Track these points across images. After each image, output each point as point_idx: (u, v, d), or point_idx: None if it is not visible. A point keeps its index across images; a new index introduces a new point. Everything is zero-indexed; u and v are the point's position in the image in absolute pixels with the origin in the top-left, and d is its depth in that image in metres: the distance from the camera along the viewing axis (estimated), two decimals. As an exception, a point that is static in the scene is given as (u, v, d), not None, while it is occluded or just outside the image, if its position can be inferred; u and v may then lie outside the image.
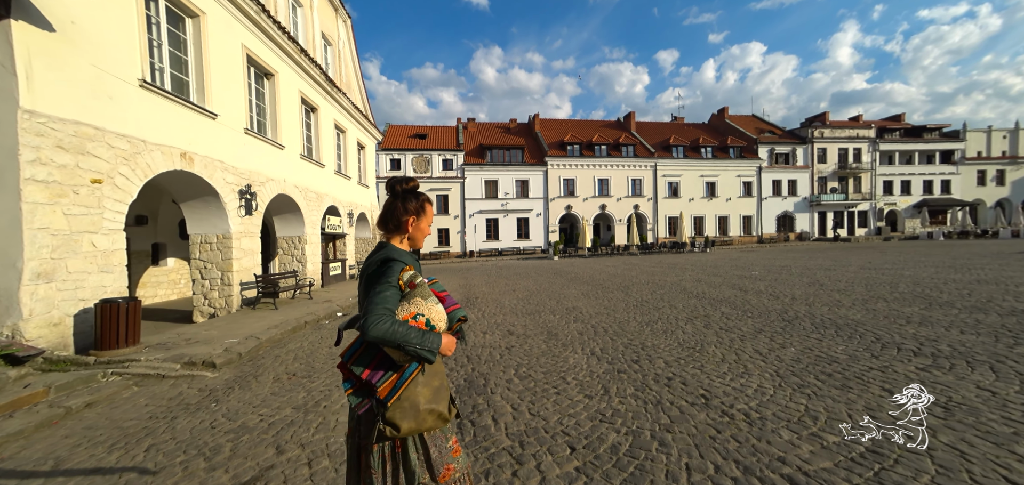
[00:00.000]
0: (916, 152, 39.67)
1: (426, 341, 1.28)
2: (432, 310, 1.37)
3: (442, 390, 1.42)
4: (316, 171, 12.15)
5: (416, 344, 1.25)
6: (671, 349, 4.77)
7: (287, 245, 11.29)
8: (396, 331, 1.22)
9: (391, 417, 1.29)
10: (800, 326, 5.65)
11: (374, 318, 1.21)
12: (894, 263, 13.88)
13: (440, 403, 1.39)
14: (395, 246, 1.45)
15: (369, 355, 1.32)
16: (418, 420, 1.33)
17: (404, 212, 1.47)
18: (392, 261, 1.35)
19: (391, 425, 1.29)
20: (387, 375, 1.30)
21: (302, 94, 11.13)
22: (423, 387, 1.36)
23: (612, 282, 12.06)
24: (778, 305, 7.25)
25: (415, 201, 1.49)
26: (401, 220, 1.47)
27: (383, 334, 1.20)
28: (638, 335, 5.53)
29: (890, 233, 38.62)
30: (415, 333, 1.26)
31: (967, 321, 5.47)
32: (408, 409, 1.31)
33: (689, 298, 8.48)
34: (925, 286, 8.60)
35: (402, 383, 1.30)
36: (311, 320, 7.33)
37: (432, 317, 1.35)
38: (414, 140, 34.48)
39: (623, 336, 5.52)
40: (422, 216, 1.51)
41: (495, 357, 4.73)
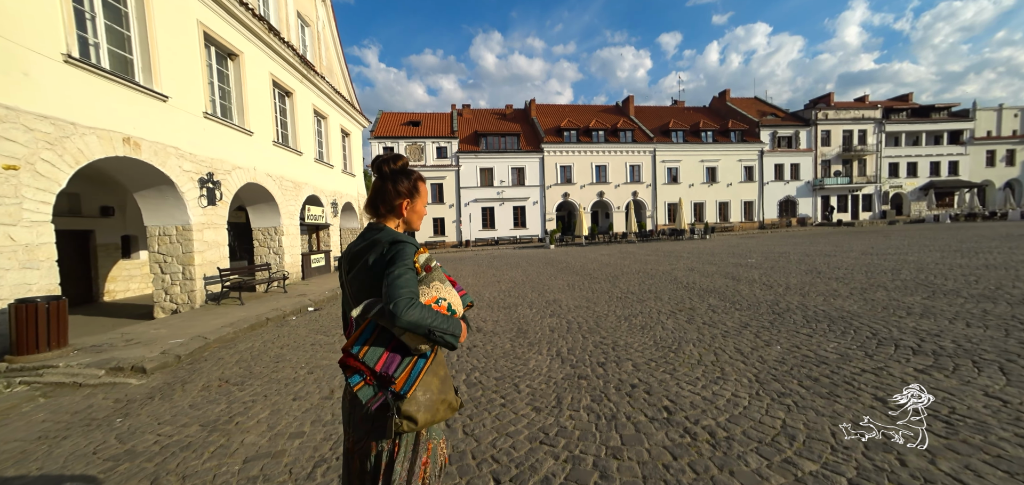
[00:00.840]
0: (923, 133, 38.62)
1: (452, 326, 1.20)
2: (450, 294, 1.28)
3: (448, 379, 1.35)
4: (293, 159, 11.66)
5: (444, 330, 1.17)
6: (645, 349, 4.33)
7: (263, 236, 10.88)
8: (426, 317, 1.13)
9: (407, 410, 1.20)
10: (790, 320, 5.19)
11: (405, 302, 1.10)
12: (898, 248, 13.33)
13: (449, 392, 1.32)
14: (393, 229, 1.34)
15: (382, 343, 1.21)
16: (433, 411, 1.25)
17: (396, 195, 1.35)
18: (403, 243, 1.24)
19: (408, 419, 1.20)
20: (404, 364, 1.20)
21: (274, 77, 10.59)
22: (432, 377, 1.27)
23: (602, 272, 11.62)
24: (770, 296, 6.79)
25: (407, 181, 1.37)
26: (394, 204, 1.35)
27: (418, 319, 1.11)
28: (614, 332, 5.09)
29: (895, 217, 37.83)
30: (442, 319, 1.18)
31: (974, 312, 5.00)
32: (423, 400, 1.23)
33: (677, 289, 8.03)
34: (929, 272, 8.09)
35: (418, 373, 1.22)
36: (275, 316, 6.94)
37: (452, 302, 1.27)
38: (408, 128, 33.81)
39: (597, 333, 5.08)
40: (417, 197, 1.39)
41: (451, 358, 4.31)
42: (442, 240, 32.88)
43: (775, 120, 37.85)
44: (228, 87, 8.97)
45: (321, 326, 6.40)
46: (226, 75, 8.92)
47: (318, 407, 3.30)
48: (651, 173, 35.29)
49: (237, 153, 8.86)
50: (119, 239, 10.20)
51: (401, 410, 1.19)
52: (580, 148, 34.18)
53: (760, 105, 41.72)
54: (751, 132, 37.06)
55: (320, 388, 3.72)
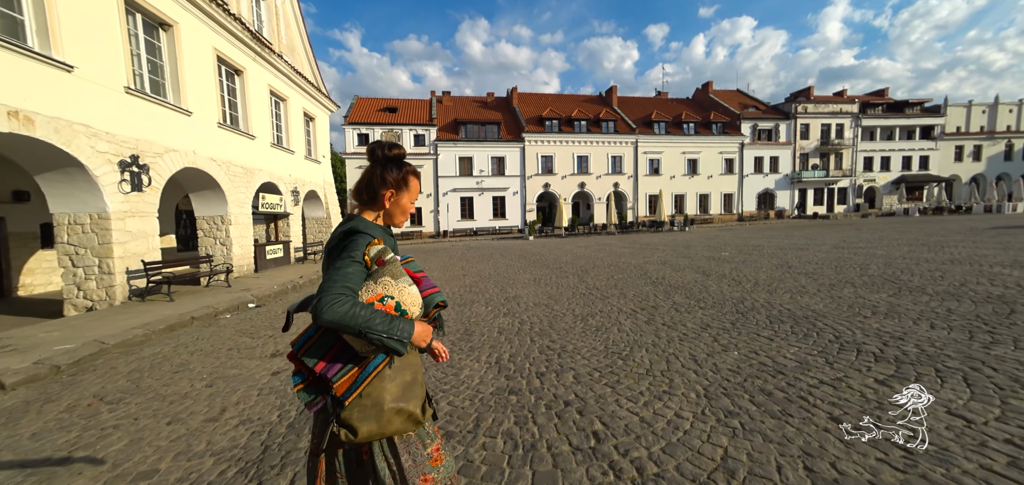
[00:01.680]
0: (897, 128, 39.51)
1: (395, 328, 1.07)
2: (404, 292, 1.16)
3: (415, 386, 1.20)
4: (243, 143, 10.84)
5: (382, 331, 1.04)
6: (593, 355, 3.92)
7: (208, 226, 10.09)
8: (357, 315, 1.02)
9: (347, 418, 1.09)
10: (753, 320, 4.87)
11: (330, 298, 1.01)
12: (868, 241, 13.37)
13: (410, 402, 1.17)
14: (365, 219, 1.23)
15: (325, 344, 1.12)
16: (381, 423, 1.11)
17: (382, 183, 1.25)
18: (357, 233, 1.15)
19: (347, 428, 1.09)
20: (346, 368, 1.10)
21: (219, 52, 9.72)
22: (390, 383, 1.15)
23: (574, 265, 11.25)
24: (737, 293, 6.50)
25: (397, 172, 1.27)
26: (378, 192, 1.25)
27: (340, 318, 1.00)
28: (566, 335, 4.68)
29: (868, 210, 38.74)
30: (381, 318, 1.05)
31: (938, 311, 4.77)
32: (370, 408, 1.11)
33: (645, 284, 7.69)
34: (897, 268, 7.97)
35: (364, 378, 1.11)
36: (204, 314, 6.31)
37: (403, 300, 1.15)
38: (384, 114, 32.71)
39: (548, 335, 4.66)
40: (403, 190, 1.29)
41: (375, 367, 3.82)
42: (419, 230, 32.13)
43: (756, 113, 38.10)
44: (160, 60, 8.11)
45: (253, 326, 5.81)
46: (157, 47, 8.05)
47: (194, 434, 2.78)
48: (633, 164, 35.13)
49: (171, 134, 8.06)
50: (37, 227, 9.26)
51: (341, 418, 1.10)
52: (562, 138, 33.71)
53: (742, 98, 41.94)
54: (732, 125, 37.21)
55: (210, 407, 3.19)
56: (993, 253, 9.16)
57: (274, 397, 3.30)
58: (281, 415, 2.98)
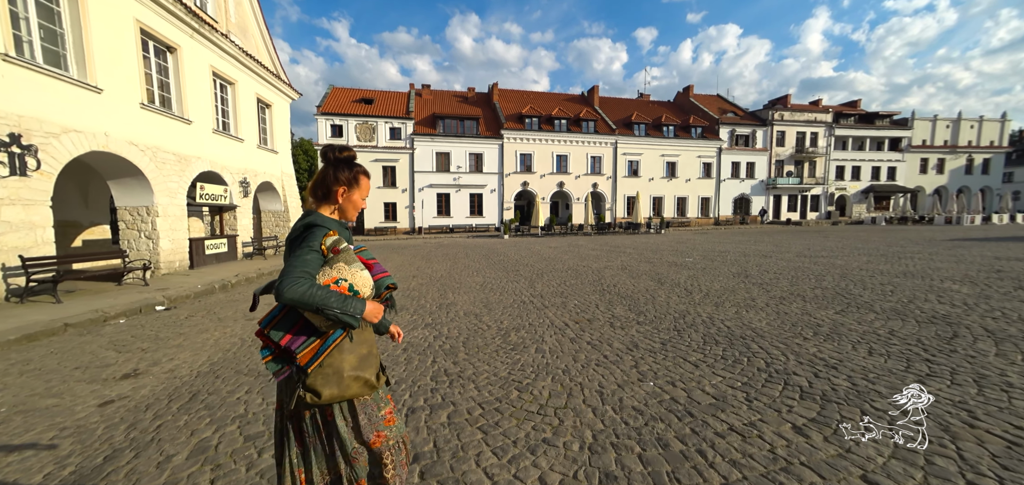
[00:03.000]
0: (868, 138, 40.49)
1: (347, 306, 1.25)
2: (356, 275, 1.33)
3: (370, 358, 1.40)
4: (176, 127, 9.97)
5: (336, 308, 1.22)
6: (489, 385, 3.43)
7: (131, 217, 9.21)
8: (314, 294, 1.19)
9: (312, 383, 1.27)
10: (688, 339, 4.47)
11: (290, 280, 1.18)
12: (831, 250, 13.33)
13: (366, 371, 1.37)
14: (320, 214, 1.39)
15: (289, 321, 1.29)
16: (342, 387, 1.30)
17: (335, 181, 1.42)
18: (315, 226, 1.32)
19: (311, 391, 1.27)
20: (309, 341, 1.27)
21: (141, 24, 8.83)
22: (349, 354, 1.34)
23: (532, 268, 10.79)
24: (683, 305, 6.12)
25: (348, 172, 1.44)
26: (332, 189, 1.42)
27: (299, 297, 1.17)
28: (476, 354, 4.18)
29: (839, 218, 39.64)
30: (335, 297, 1.23)
31: (880, 333, 4.45)
32: (331, 376, 1.29)
33: (593, 293, 7.27)
34: (851, 279, 7.76)
35: (325, 349, 1.28)
36: (88, 320, 5.57)
37: (355, 282, 1.32)
38: (360, 105, 31.64)
39: (453, 356, 4.15)
40: (354, 188, 1.45)
41: (217, 397, 3.23)
42: (394, 226, 31.26)
43: (735, 118, 38.44)
44: (58, 28, 7.22)
45: (137, 336, 5.12)
46: (53, 12, 7.15)
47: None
48: (612, 165, 34.98)
49: (72, 112, 7.19)
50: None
51: (305, 383, 1.26)
52: (541, 136, 33.29)
53: (722, 103, 42.30)
54: (711, 129, 37.46)
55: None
56: (946, 266, 9.09)
57: (72, 441, 2.67)
58: (79, 466, 2.37)
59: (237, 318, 5.91)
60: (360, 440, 1.34)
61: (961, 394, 2.97)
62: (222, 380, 3.61)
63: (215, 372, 3.80)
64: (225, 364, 4.03)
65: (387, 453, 1.37)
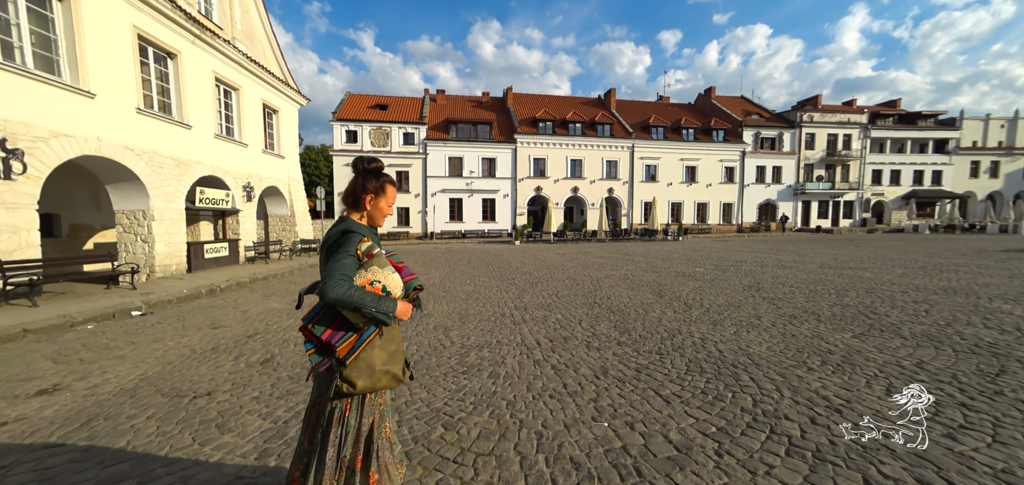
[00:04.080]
0: (909, 140, 37.80)
1: (382, 305, 1.40)
2: (388, 278, 1.47)
3: (398, 354, 1.54)
4: (175, 132, 10.06)
5: (372, 307, 1.37)
6: (421, 417, 2.97)
7: (128, 221, 9.30)
8: (352, 294, 1.34)
9: (348, 375, 1.42)
10: (669, 365, 3.88)
11: (333, 282, 1.33)
12: (861, 261, 12.18)
13: (395, 365, 1.52)
14: (353, 220, 1.54)
15: (330, 318, 1.43)
16: (373, 379, 1.45)
17: (363, 190, 1.56)
18: (350, 232, 1.46)
19: (347, 382, 1.42)
20: (347, 336, 1.42)
21: (139, 31, 8.93)
22: (379, 350, 1.48)
23: (528, 277, 10.29)
24: (677, 322, 5.49)
25: (375, 181, 1.58)
26: (360, 197, 1.56)
27: (340, 297, 1.33)
28: (426, 374, 3.74)
29: (875, 225, 37.07)
30: (371, 297, 1.38)
31: (905, 364, 3.73)
32: (364, 368, 1.44)
33: (581, 306, 6.71)
34: (879, 295, 6.87)
35: (360, 344, 1.43)
36: (53, 326, 5.47)
37: (388, 284, 1.46)
38: (374, 111, 32.05)
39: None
40: (381, 196, 1.59)
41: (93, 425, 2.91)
42: (406, 231, 31.35)
43: (759, 120, 36.71)
44: (52, 34, 7.32)
45: (98, 341, 4.96)
46: (50, 19, 7.26)
47: None
48: (628, 170, 33.99)
49: (62, 117, 7.25)
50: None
51: (342, 374, 1.42)
52: (555, 140, 32.72)
53: (745, 104, 40.55)
54: (734, 132, 35.89)
55: None
56: (996, 282, 7.99)
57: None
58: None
59: (201, 327, 5.70)
60: (359, 428, 1.48)
61: (1006, 457, 2.30)
62: (134, 401, 3.31)
63: (136, 391, 3.51)
64: (153, 381, 3.75)
65: (375, 444, 1.51)
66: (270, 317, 6.25)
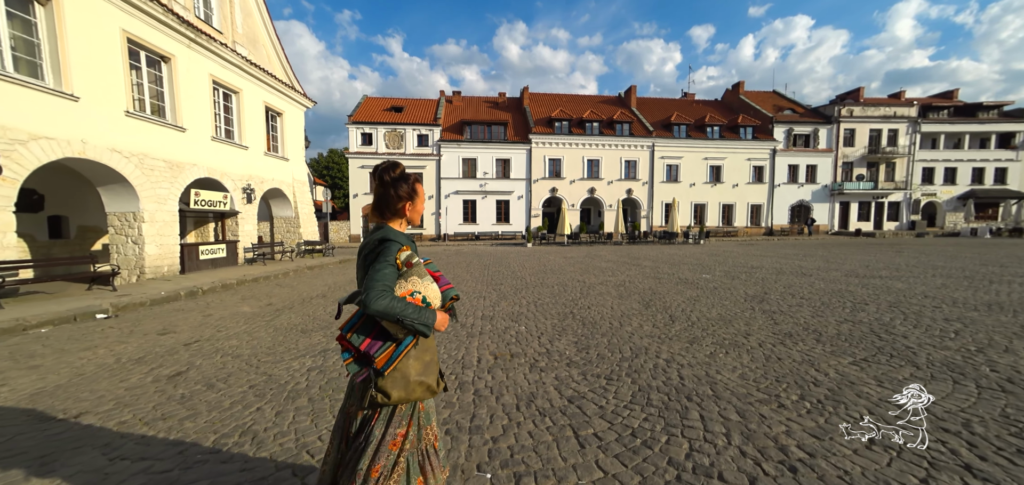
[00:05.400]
0: (967, 134, 34.24)
1: (422, 316, 1.38)
2: (428, 288, 1.46)
3: (432, 364, 1.52)
4: (168, 134, 10.22)
5: (414, 319, 1.35)
6: (284, 449, 2.53)
7: (119, 223, 9.50)
8: (395, 306, 1.32)
9: (383, 385, 1.40)
10: (611, 394, 3.29)
11: (375, 294, 1.30)
12: (896, 269, 10.83)
13: (429, 376, 1.49)
14: (392, 228, 1.52)
15: (367, 328, 1.42)
16: (408, 390, 1.43)
17: (399, 198, 1.55)
18: (389, 241, 1.44)
19: (382, 392, 1.40)
20: (385, 346, 1.40)
21: (129, 34, 9.09)
22: (415, 361, 1.46)
23: (520, 281, 9.76)
24: (649, 339, 4.82)
25: (406, 185, 1.57)
26: (397, 206, 1.55)
27: (384, 309, 1.30)
28: (313, 402, 3.31)
29: (926, 228, 33.83)
30: (412, 309, 1.36)
31: (905, 404, 2.94)
32: (399, 379, 1.42)
33: (556, 316, 6.13)
34: (904, 310, 5.87)
35: (398, 354, 1.40)
36: (6, 330, 5.46)
37: (428, 294, 1.45)
38: (389, 113, 32.37)
39: (298, 397, 3.31)
40: (416, 198, 1.60)
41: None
42: (420, 232, 31.41)
43: (792, 116, 34.38)
44: (35, 38, 7.49)
45: (28, 349, 4.88)
46: (33, 23, 7.42)
47: None
48: (648, 170, 32.66)
49: (42, 119, 7.35)
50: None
51: (378, 385, 1.40)
52: (571, 140, 31.89)
53: (777, 99, 38.16)
54: (764, 129, 33.77)
55: None
56: (1058, 297, 6.72)
57: None
58: None
59: (148, 333, 5.54)
60: (382, 442, 1.44)
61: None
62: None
63: (6, 412, 3.27)
64: (42, 396, 3.53)
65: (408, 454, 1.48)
66: (227, 323, 6.04)
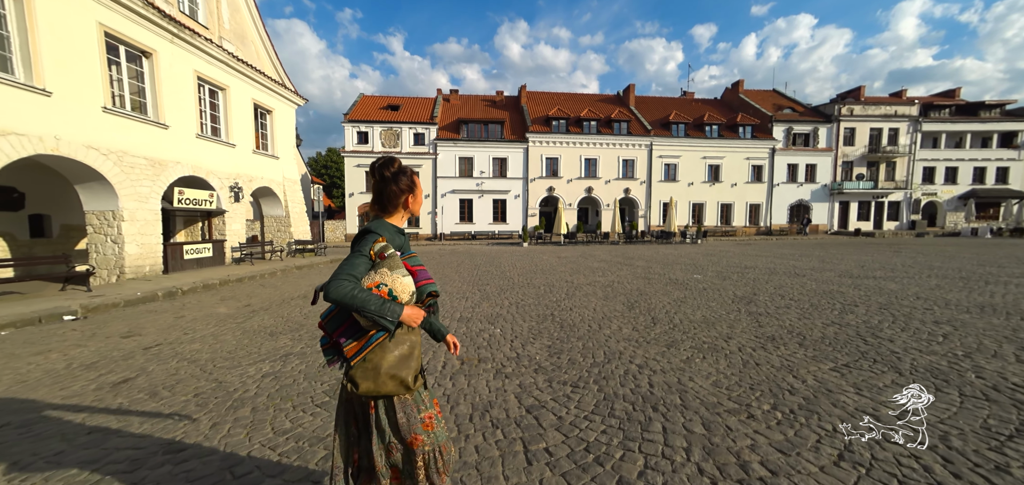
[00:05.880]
0: (968, 134, 33.91)
1: (384, 309, 1.34)
2: (397, 281, 1.42)
3: (410, 360, 1.47)
4: (147, 131, 10.03)
5: (373, 310, 1.32)
6: (205, 463, 2.35)
7: (98, 222, 9.34)
8: (355, 295, 1.30)
9: (353, 375, 1.41)
10: (576, 403, 3.12)
11: (335, 282, 1.30)
12: (892, 269, 10.61)
13: (403, 370, 1.45)
14: (383, 220, 1.54)
15: (341, 318, 1.43)
16: (377, 383, 1.41)
17: (400, 191, 1.54)
18: (368, 233, 1.45)
19: (351, 382, 1.42)
20: (357, 337, 1.40)
21: (107, 28, 8.90)
22: (388, 354, 1.43)
23: (507, 281, 9.59)
24: (625, 342, 4.64)
25: (406, 179, 1.56)
26: (398, 200, 1.55)
27: (341, 296, 1.28)
28: (277, 406, 3.14)
29: (926, 228, 33.52)
30: (375, 300, 1.33)
31: (882, 415, 2.75)
32: (369, 371, 1.41)
33: (533, 318, 5.96)
34: (894, 312, 5.67)
35: (367, 346, 1.40)
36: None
37: (395, 288, 1.41)
38: (386, 112, 32.20)
39: (189, 417, 3.14)
40: (416, 190, 1.60)
41: None
42: (416, 232, 31.26)
43: (792, 115, 34.09)
44: (3, 30, 7.30)
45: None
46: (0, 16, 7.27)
47: None
48: (647, 169, 32.42)
49: (12, 114, 7.07)
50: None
51: (348, 374, 1.42)
52: (569, 139, 31.67)
53: (776, 98, 37.86)
54: (763, 128, 33.50)
55: None
56: (1054, 299, 6.51)
57: None
58: None
59: (110, 336, 5.37)
60: (398, 437, 1.44)
61: None
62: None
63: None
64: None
65: (420, 457, 1.45)
66: (197, 325, 5.87)
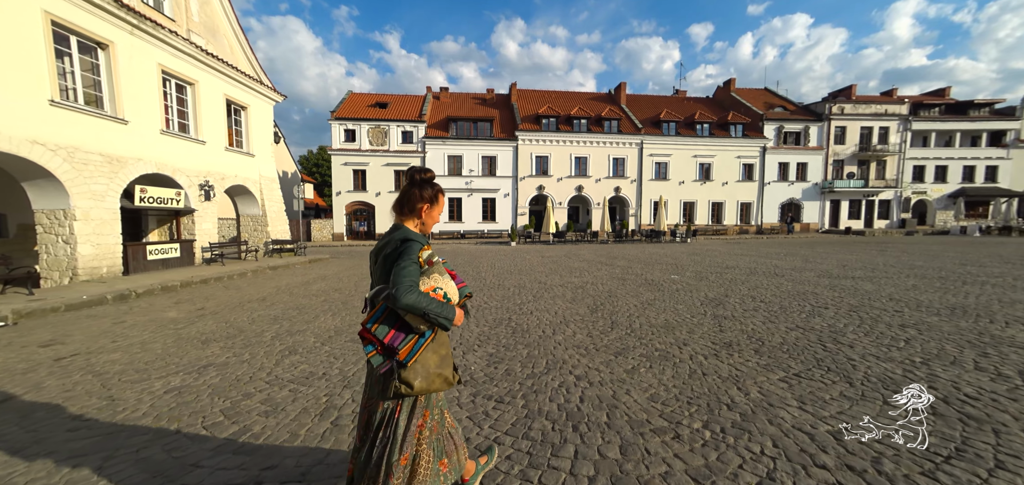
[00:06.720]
0: (958, 132, 33.91)
1: (445, 311, 1.48)
2: (447, 285, 1.55)
3: (448, 358, 1.61)
4: (103, 126, 9.60)
5: (437, 313, 1.45)
6: None
7: (48, 221, 8.94)
8: (422, 301, 1.41)
9: (406, 376, 1.48)
10: (493, 421, 2.85)
11: (404, 289, 1.38)
12: (873, 269, 10.39)
13: (446, 368, 1.59)
14: (409, 228, 1.60)
15: (389, 322, 1.48)
16: (428, 381, 1.52)
17: (420, 199, 1.64)
18: (411, 241, 1.52)
19: (405, 383, 1.49)
20: (407, 339, 1.47)
21: (53, 17, 8.45)
22: (432, 354, 1.55)
23: (473, 284, 9.28)
24: (573, 349, 4.37)
25: (430, 190, 1.66)
26: (416, 206, 1.64)
27: (413, 303, 1.39)
28: (188, 423, 2.82)
29: (915, 227, 33.49)
30: (437, 303, 1.46)
31: (819, 432, 2.47)
32: (420, 371, 1.51)
33: (489, 323, 5.67)
34: (862, 315, 5.42)
35: (419, 347, 1.49)
36: None
37: (448, 290, 1.54)
38: (374, 110, 31.77)
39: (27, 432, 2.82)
40: (435, 205, 1.68)
41: None
42: (404, 231, 30.85)
43: (783, 113, 33.95)
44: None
45: None
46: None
47: None
48: (637, 167, 32.19)
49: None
50: None
51: (401, 376, 1.48)
52: (559, 137, 31.38)
53: (768, 97, 37.73)
54: (754, 126, 33.34)
55: None
56: (1031, 300, 6.28)
57: None
58: None
59: (27, 345, 5.02)
60: (407, 432, 1.54)
61: None
62: None
63: None
64: None
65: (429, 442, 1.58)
66: (132, 331, 5.54)
